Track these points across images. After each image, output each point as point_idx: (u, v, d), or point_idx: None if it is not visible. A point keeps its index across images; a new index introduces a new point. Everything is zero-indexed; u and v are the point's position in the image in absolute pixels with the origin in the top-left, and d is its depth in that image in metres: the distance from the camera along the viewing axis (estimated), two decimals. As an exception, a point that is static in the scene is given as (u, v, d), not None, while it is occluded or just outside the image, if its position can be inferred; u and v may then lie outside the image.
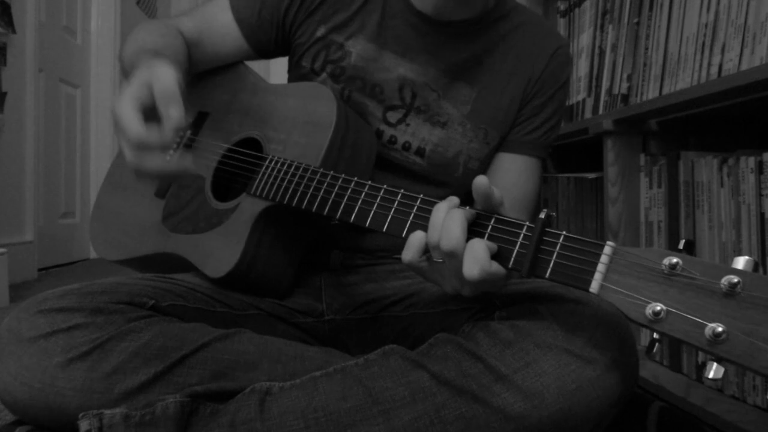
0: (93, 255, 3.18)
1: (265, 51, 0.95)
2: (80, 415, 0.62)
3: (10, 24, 2.29)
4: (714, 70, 0.97)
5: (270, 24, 0.92)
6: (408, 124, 0.87)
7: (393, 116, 0.87)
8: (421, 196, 0.64)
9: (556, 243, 0.56)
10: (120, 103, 0.68)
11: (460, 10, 0.87)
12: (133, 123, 0.66)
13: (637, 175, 1.15)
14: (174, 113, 0.66)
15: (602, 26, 1.39)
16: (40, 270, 2.59)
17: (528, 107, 0.90)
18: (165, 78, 0.68)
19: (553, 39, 0.92)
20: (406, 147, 0.87)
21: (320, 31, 0.89)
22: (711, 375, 0.48)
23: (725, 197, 0.92)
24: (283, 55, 0.97)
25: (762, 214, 0.85)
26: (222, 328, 0.73)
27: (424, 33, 0.87)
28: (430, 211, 0.62)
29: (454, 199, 0.61)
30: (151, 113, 0.68)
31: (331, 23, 0.89)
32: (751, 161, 0.87)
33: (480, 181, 0.58)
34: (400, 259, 0.88)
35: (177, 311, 0.75)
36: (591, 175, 1.41)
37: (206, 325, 0.73)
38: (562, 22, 1.62)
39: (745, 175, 0.88)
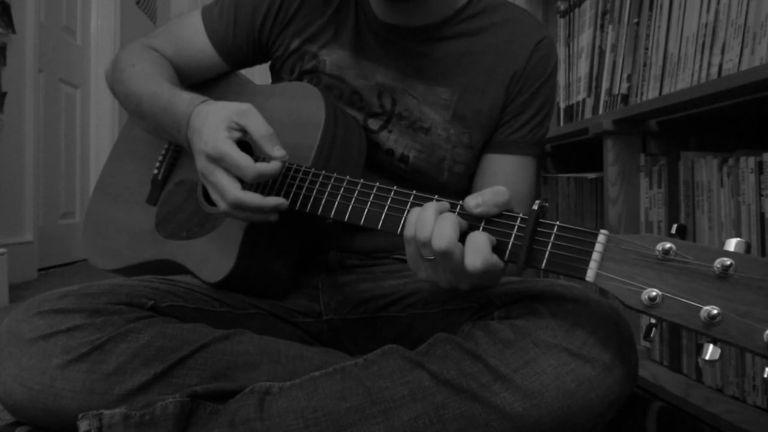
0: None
1: (242, 64, 0.96)
2: (80, 415, 0.62)
3: (10, 24, 2.29)
4: (714, 70, 0.97)
5: (245, 41, 0.92)
6: (390, 131, 0.86)
7: (374, 123, 0.86)
8: (414, 192, 0.64)
9: (551, 233, 0.56)
10: (218, 142, 0.72)
11: (415, 17, 0.85)
12: (247, 160, 0.70)
13: (637, 175, 1.15)
14: (279, 153, 0.71)
15: (602, 26, 1.39)
16: (40, 270, 2.59)
17: (512, 105, 0.86)
18: (257, 117, 0.73)
19: (534, 31, 0.87)
20: (390, 154, 0.86)
21: (295, 43, 0.89)
22: (708, 357, 0.49)
23: (725, 197, 0.92)
24: (263, 62, 0.97)
25: (762, 214, 0.85)
26: (222, 327, 0.73)
27: (393, 41, 0.86)
28: None
29: (444, 204, 0.61)
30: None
31: (305, 34, 0.89)
32: (751, 161, 0.87)
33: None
34: (398, 259, 0.89)
35: (176, 312, 0.75)
36: (591, 175, 1.41)
37: (205, 326, 0.73)
38: (562, 22, 1.62)
39: (745, 175, 0.88)
